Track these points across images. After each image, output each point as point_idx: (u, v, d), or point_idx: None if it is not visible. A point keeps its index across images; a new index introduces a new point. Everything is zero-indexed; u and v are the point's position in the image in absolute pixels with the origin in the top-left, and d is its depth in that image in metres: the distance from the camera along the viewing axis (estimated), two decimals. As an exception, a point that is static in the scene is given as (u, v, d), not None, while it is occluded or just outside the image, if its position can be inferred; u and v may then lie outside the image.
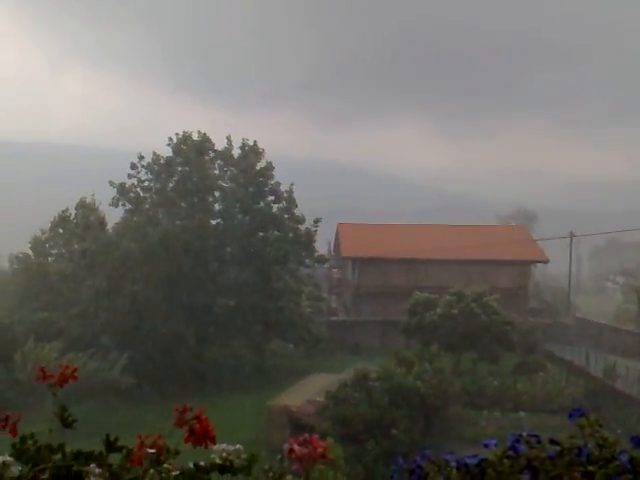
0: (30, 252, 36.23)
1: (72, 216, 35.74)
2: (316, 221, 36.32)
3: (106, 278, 32.53)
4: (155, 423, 23.77)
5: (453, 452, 1.71)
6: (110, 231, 34.51)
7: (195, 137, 35.43)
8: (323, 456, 2.24)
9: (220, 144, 35.86)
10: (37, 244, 36.36)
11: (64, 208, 36.08)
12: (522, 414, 25.59)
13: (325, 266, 42.35)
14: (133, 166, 34.80)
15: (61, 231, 35.58)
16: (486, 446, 1.70)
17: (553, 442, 1.64)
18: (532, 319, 41.27)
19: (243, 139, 35.70)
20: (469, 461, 1.54)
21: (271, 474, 2.03)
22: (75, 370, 2.27)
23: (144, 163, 34.94)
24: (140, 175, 34.94)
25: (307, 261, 36.27)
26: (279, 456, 2.15)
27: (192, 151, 34.52)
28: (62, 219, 35.63)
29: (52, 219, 36.43)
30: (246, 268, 34.48)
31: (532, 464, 1.56)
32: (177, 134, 35.48)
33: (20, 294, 34.22)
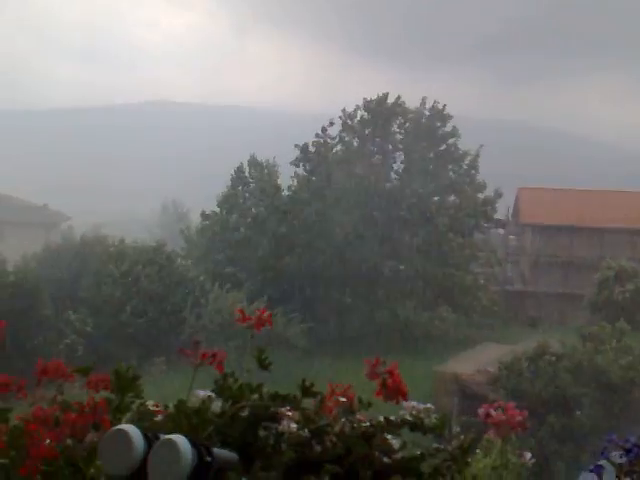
0: (217, 209, 38.26)
1: (247, 174, 37.24)
2: (498, 194, 35.24)
3: (278, 241, 33.88)
4: (332, 378, 24.89)
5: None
6: (285, 193, 35.69)
7: (390, 99, 35.69)
8: (520, 424, 2.14)
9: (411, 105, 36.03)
10: (223, 202, 38.56)
11: (239, 165, 37.59)
12: None
13: (501, 232, 41.58)
14: (323, 129, 35.80)
15: (240, 189, 37.17)
16: None
17: None
18: None
19: (434, 101, 35.89)
20: None
21: (462, 437, 1.97)
22: (270, 315, 2.39)
23: (331, 127, 35.87)
24: (327, 136, 35.91)
25: (484, 225, 35.50)
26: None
27: (384, 114, 35.10)
28: (238, 178, 37.20)
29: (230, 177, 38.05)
30: (419, 233, 34.52)
31: None
32: (378, 94, 35.55)
33: (206, 248, 36.54)
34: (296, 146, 35.60)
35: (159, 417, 2.11)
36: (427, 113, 35.72)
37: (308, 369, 26.72)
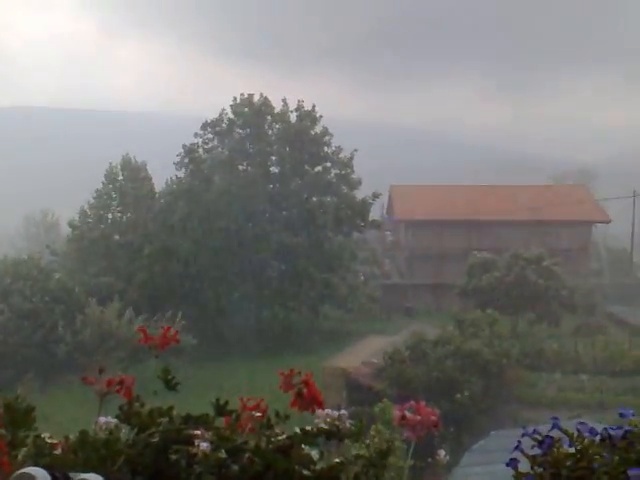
0: (87, 211, 36.57)
1: (120, 176, 36.03)
2: (375, 195, 36.07)
3: (161, 245, 33.24)
4: (222, 383, 24.32)
5: (585, 422, 1.61)
6: (161, 201, 34.96)
7: (256, 99, 35.46)
8: (435, 424, 2.19)
9: (276, 107, 35.80)
10: (92, 208, 36.74)
11: (108, 167, 36.28)
12: (583, 376, 25.10)
13: (379, 229, 41.81)
14: (204, 126, 35.16)
15: (114, 195, 35.93)
16: (622, 415, 1.58)
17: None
18: (593, 280, 40.37)
19: (299, 101, 35.57)
20: (613, 432, 1.44)
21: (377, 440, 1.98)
22: (177, 333, 2.33)
23: (208, 128, 35.43)
24: (206, 137, 35.44)
25: (361, 225, 36.12)
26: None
27: (252, 114, 34.72)
28: (110, 183, 35.89)
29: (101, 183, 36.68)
30: (300, 233, 34.65)
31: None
32: (241, 94, 35.42)
33: (80, 259, 35.04)
34: (174, 149, 34.99)
35: (58, 450, 1.97)
36: (295, 115, 35.67)
37: (201, 376, 26.36)
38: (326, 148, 35.67)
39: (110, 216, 36.08)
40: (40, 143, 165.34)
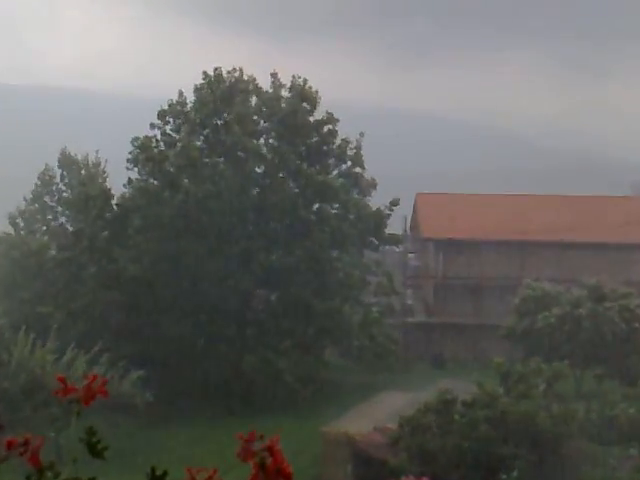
0: (11, 229, 36.95)
1: (57, 178, 36.31)
2: (393, 204, 35.75)
3: (112, 264, 33.02)
4: (180, 450, 24.25)
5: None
6: (115, 208, 34.60)
7: (229, 74, 35.09)
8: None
9: (264, 85, 35.58)
10: (21, 217, 37.15)
11: (45, 167, 36.78)
12: (668, 454, 24.88)
13: (399, 249, 42.11)
14: (161, 114, 34.63)
15: (47, 199, 36.28)
16: None
17: None
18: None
19: (293, 77, 35.04)
20: None
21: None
22: (105, 383, 2.39)
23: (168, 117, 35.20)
24: (166, 127, 35.20)
25: (375, 242, 35.94)
26: None
27: (223, 95, 34.33)
28: (44, 184, 36.20)
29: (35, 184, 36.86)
30: (294, 252, 34.03)
31: None
32: (211, 70, 34.97)
33: (5, 281, 35.05)
34: (135, 140, 34.34)
35: None
36: (287, 94, 35.01)
37: (155, 442, 26.25)
38: (329, 140, 35.13)
39: (45, 227, 36.69)
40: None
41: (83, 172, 36.81)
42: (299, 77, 35.12)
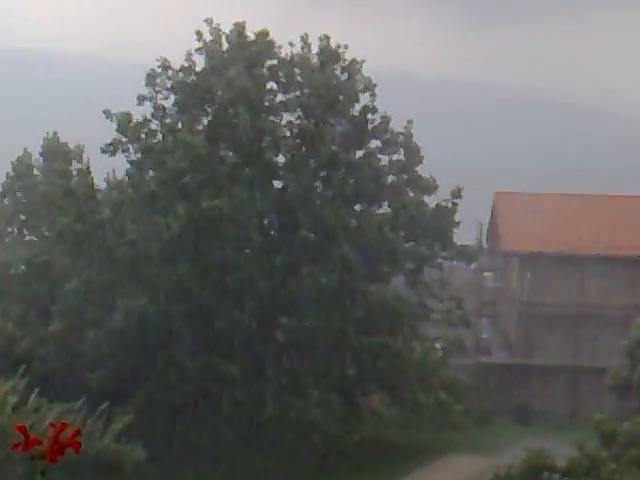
0: None
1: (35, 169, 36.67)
2: (455, 194, 35.12)
3: (97, 280, 33.05)
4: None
5: None
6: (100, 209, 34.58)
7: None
8: None
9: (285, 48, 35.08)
10: None
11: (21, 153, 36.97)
12: None
13: (472, 266, 41.64)
14: (149, 80, 33.69)
15: (19, 194, 36.64)
16: None
17: None
18: None
19: (320, 37, 34.08)
20: None
21: None
22: (76, 434, 2.68)
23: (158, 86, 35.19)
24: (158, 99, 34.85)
25: (439, 256, 35.70)
26: None
27: (225, 59, 33.95)
28: (18, 175, 36.17)
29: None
30: (328, 268, 33.14)
31: None
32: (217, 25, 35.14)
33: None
34: (107, 114, 33.57)
35: None
36: (317, 60, 34.32)
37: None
38: (371, 115, 34.82)
39: (15, 230, 36.83)
40: None
41: (75, 164, 37.01)
42: (329, 37, 34.32)
